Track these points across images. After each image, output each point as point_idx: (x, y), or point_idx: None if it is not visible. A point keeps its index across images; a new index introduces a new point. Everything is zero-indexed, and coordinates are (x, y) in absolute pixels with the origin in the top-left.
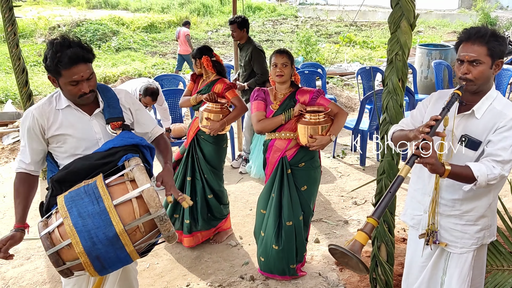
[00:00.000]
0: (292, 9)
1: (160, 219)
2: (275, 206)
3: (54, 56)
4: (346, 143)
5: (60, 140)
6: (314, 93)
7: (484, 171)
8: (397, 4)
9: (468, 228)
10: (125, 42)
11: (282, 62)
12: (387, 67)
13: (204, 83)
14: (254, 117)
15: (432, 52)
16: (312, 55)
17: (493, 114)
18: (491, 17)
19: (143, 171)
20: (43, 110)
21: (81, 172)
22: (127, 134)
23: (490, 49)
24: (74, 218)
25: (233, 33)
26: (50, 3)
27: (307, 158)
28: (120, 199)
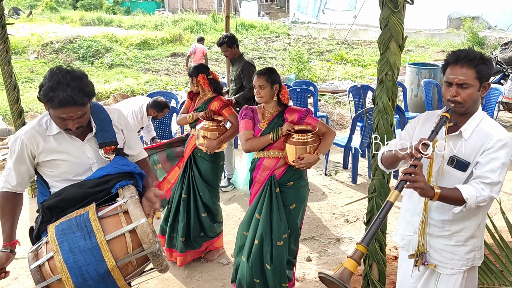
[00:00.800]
0: (285, 27)
1: (153, 254)
2: (264, 227)
3: (47, 93)
4: (338, 161)
5: (52, 166)
6: (303, 113)
7: (473, 193)
8: (386, 26)
9: (457, 249)
10: (118, 59)
11: (258, 85)
12: (377, 86)
13: (201, 101)
14: (242, 136)
15: (421, 71)
16: (304, 72)
17: (480, 135)
18: (479, 37)
19: (138, 205)
20: (32, 136)
21: (73, 200)
22: (121, 160)
23: (479, 72)
24: (65, 253)
25: (225, 53)
26: (43, 20)
27: (296, 177)
28: (113, 234)
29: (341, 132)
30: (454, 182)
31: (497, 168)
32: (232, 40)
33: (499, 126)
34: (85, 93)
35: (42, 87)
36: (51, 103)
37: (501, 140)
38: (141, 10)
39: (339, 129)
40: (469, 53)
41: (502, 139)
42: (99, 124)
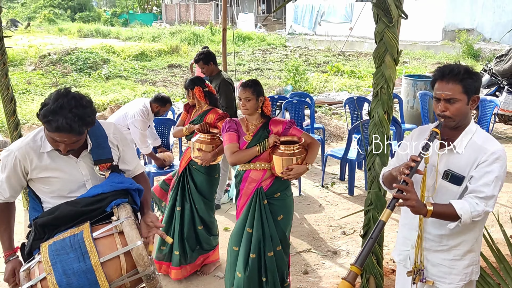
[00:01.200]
0: (281, 39)
1: (148, 277)
2: (256, 240)
3: (47, 114)
4: (335, 172)
5: (46, 182)
6: (287, 124)
7: (467, 208)
8: (381, 40)
9: (455, 263)
10: (116, 70)
11: (244, 97)
12: (373, 100)
13: (196, 113)
14: (228, 149)
15: (417, 82)
16: (301, 84)
17: (474, 148)
18: (474, 49)
19: (134, 226)
20: (26, 152)
21: (67, 218)
22: (117, 178)
23: (465, 86)
24: (58, 275)
25: (202, 70)
26: (41, 31)
27: (283, 188)
28: (108, 256)
29: (337, 144)
30: (450, 196)
31: (491, 182)
32: (208, 56)
33: (492, 139)
34: (85, 123)
35: (45, 106)
36: (47, 126)
37: (494, 153)
38: (139, 22)
39: (336, 140)
40: (453, 68)
41: (495, 152)
42: (95, 141)
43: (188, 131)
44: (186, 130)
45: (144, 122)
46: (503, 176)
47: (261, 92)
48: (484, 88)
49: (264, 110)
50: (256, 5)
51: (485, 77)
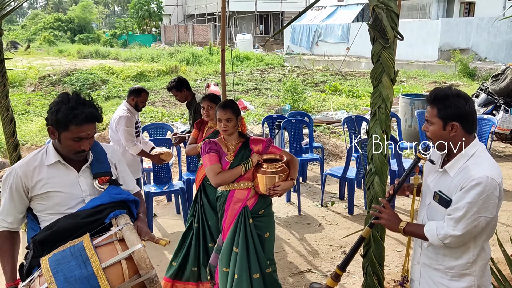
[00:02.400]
0: (279, 58)
1: (150, 281)
2: (242, 260)
3: (69, 112)
4: (334, 191)
5: (45, 198)
6: (266, 142)
7: (433, 231)
8: (378, 60)
9: (454, 284)
10: (115, 91)
11: (226, 118)
12: (371, 119)
13: (210, 131)
14: (211, 171)
15: (414, 101)
16: (299, 103)
17: (464, 173)
18: (470, 68)
19: (133, 231)
20: (27, 169)
21: (66, 231)
22: (114, 189)
23: (439, 111)
24: (60, 283)
25: (177, 97)
26: (41, 53)
27: (266, 205)
28: (109, 261)
29: (336, 163)
30: (439, 216)
31: (463, 207)
32: (180, 83)
33: (485, 165)
34: (100, 110)
35: (57, 111)
36: (75, 121)
37: (474, 179)
38: (138, 43)
39: (334, 159)
40: (433, 93)
41: (476, 178)
42: (95, 155)
43: None
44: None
45: (125, 118)
46: (481, 203)
47: (239, 111)
48: (481, 107)
49: (242, 128)
50: (254, 26)
51: (481, 96)
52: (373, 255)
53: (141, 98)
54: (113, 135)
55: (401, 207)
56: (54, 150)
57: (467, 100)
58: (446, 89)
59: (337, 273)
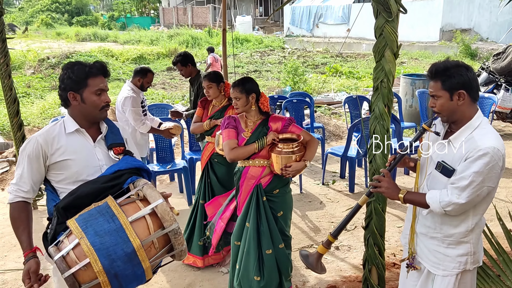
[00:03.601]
0: (279, 41)
1: (174, 232)
2: (252, 236)
3: (83, 68)
4: (335, 170)
5: (63, 167)
6: (286, 121)
7: (436, 198)
8: (380, 34)
9: (450, 251)
10: (115, 73)
11: (234, 96)
12: (373, 94)
13: (215, 109)
14: (226, 146)
15: (415, 81)
16: (299, 85)
17: (469, 143)
18: (472, 49)
19: (154, 188)
20: (47, 136)
21: (88, 196)
22: (130, 158)
23: (443, 83)
24: (91, 237)
25: (181, 72)
26: (39, 36)
27: (282, 185)
28: (135, 216)
29: (337, 143)
30: (440, 186)
31: (468, 176)
32: (185, 58)
33: (489, 136)
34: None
35: (72, 73)
36: (91, 73)
37: (481, 150)
38: (137, 26)
39: (335, 139)
40: (432, 68)
41: (482, 149)
42: (110, 128)
43: (209, 126)
44: (207, 125)
45: (131, 98)
46: (486, 173)
47: (252, 89)
48: (482, 86)
49: (261, 106)
50: (254, 8)
51: (482, 75)
52: (375, 227)
53: (147, 79)
54: (120, 116)
55: (401, 185)
56: (72, 120)
57: (467, 68)
58: (445, 61)
59: (329, 240)
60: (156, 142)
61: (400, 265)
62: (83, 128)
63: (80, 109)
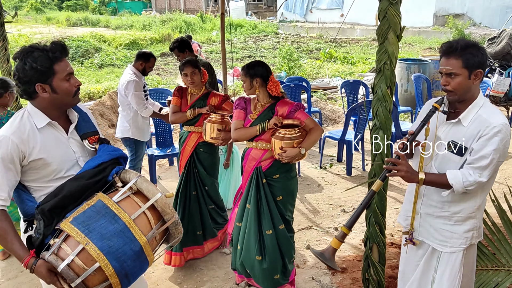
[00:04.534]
0: (273, 26)
1: (175, 223)
2: (253, 216)
3: (45, 55)
4: (332, 154)
5: (40, 165)
6: (293, 106)
7: (459, 178)
8: (384, 17)
9: (457, 228)
10: (108, 59)
11: (241, 79)
12: (376, 75)
13: (195, 97)
14: (233, 125)
15: (411, 66)
16: (294, 70)
17: (479, 121)
18: (465, 34)
19: (148, 181)
20: (22, 134)
21: (75, 195)
22: (109, 147)
23: (465, 61)
24: (97, 241)
25: (178, 58)
26: (29, 21)
27: (282, 170)
28: (136, 213)
29: (333, 127)
30: (452, 166)
31: (489, 155)
32: (183, 44)
33: (498, 113)
34: None
35: (34, 64)
36: (54, 59)
37: (496, 127)
38: (128, 11)
39: (332, 124)
40: (452, 44)
41: (497, 126)
42: (80, 116)
43: (193, 115)
44: (190, 114)
45: (134, 82)
46: (502, 149)
47: (256, 74)
48: None
49: (269, 91)
50: None
51: None
52: (376, 206)
53: (150, 64)
54: (122, 100)
55: None
56: (40, 112)
57: (482, 47)
58: (463, 40)
59: (343, 233)
60: (156, 126)
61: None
62: (54, 120)
63: (51, 100)
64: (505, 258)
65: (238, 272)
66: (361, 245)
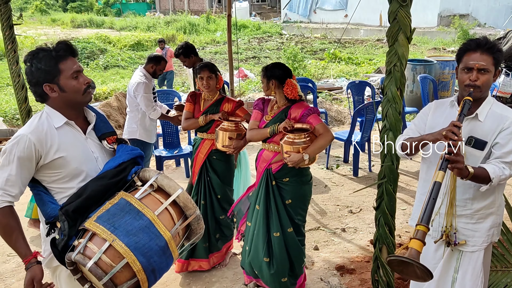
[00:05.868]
0: (277, 27)
1: (198, 218)
2: (262, 218)
3: (49, 54)
4: (338, 155)
5: (60, 165)
6: (306, 110)
7: (497, 172)
8: (394, 19)
9: (478, 226)
10: (113, 60)
11: (261, 79)
12: (386, 77)
13: (208, 103)
14: (249, 125)
15: (417, 67)
16: (299, 71)
17: (495, 117)
18: (470, 34)
19: (169, 178)
20: (39, 133)
21: (98, 194)
22: (128, 147)
23: (496, 59)
24: (124, 237)
25: (184, 63)
26: (34, 22)
27: (293, 174)
28: (159, 209)
29: (339, 128)
30: (473, 161)
31: None
32: (188, 50)
33: (509, 108)
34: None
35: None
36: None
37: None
38: (132, 12)
39: (337, 125)
40: (488, 41)
41: None
42: (98, 117)
43: (205, 121)
44: (203, 121)
45: (144, 84)
46: None
47: (273, 75)
48: None
49: (284, 93)
50: None
51: None
52: (386, 207)
53: (160, 66)
54: (131, 101)
55: (404, 169)
56: (57, 112)
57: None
58: (488, 38)
59: (422, 231)
60: (163, 127)
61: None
62: (71, 119)
63: (62, 99)
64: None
65: (247, 273)
66: (369, 246)
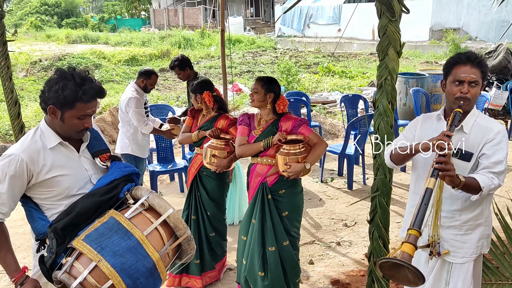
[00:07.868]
0: (271, 41)
1: (188, 239)
2: (257, 232)
3: (77, 88)
4: (333, 168)
5: (53, 184)
6: (297, 122)
7: (487, 182)
8: (384, 34)
9: (467, 237)
10: (108, 75)
11: (253, 88)
12: (378, 91)
13: (205, 119)
14: (237, 141)
15: (409, 80)
16: (293, 85)
17: (480, 128)
18: (461, 48)
19: (160, 197)
20: (32, 152)
21: (88, 212)
22: (121, 164)
23: (483, 72)
24: (110, 258)
25: (179, 76)
26: (28, 38)
27: (288, 186)
28: (148, 229)
29: (333, 141)
30: (461, 172)
31: (503, 158)
32: (183, 62)
33: (494, 120)
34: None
35: (63, 89)
36: (84, 97)
37: (500, 132)
38: (127, 27)
39: (331, 138)
40: (477, 55)
41: (500, 131)
42: (92, 134)
43: (198, 137)
44: (196, 136)
45: (135, 99)
46: (507, 151)
47: (272, 89)
48: None
49: (276, 107)
50: (245, 8)
51: None
52: (379, 220)
53: (151, 81)
54: (123, 116)
55: (398, 182)
56: (51, 131)
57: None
58: (475, 53)
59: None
60: (157, 142)
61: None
62: (65, 139)
63: (57, 125)
64: (509, 272)
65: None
66: (364, 259)
